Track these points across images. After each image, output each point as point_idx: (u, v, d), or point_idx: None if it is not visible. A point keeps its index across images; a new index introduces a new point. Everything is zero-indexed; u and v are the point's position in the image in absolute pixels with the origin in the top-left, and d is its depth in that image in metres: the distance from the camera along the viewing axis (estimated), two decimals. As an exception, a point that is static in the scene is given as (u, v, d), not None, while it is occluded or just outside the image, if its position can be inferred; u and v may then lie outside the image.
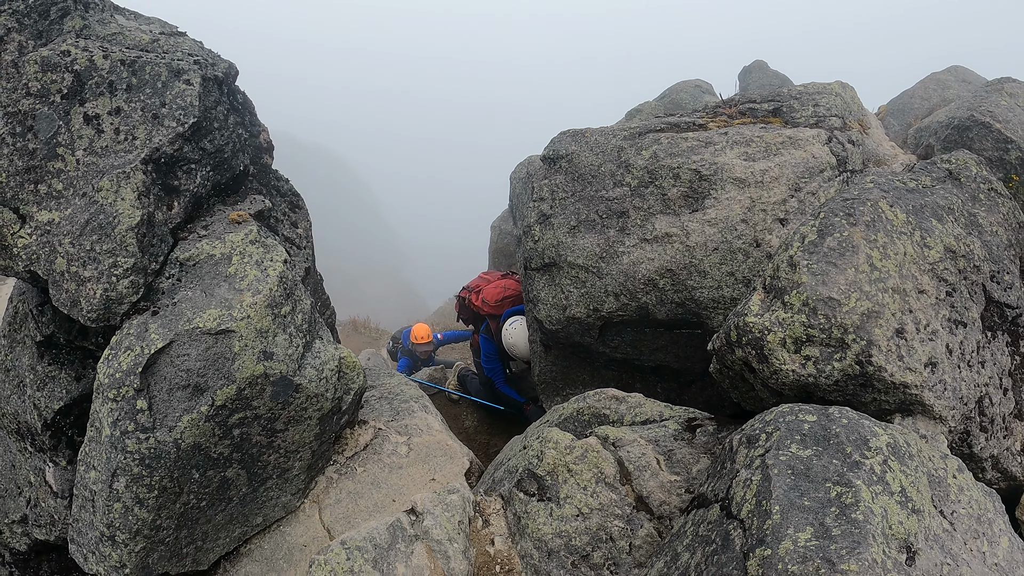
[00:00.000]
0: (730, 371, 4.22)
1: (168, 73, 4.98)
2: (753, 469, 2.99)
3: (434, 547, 4.09)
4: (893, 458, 2.92)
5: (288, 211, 6.33)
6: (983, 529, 3.24)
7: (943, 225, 4.22)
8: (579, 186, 6.34)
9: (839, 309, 3.71)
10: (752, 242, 5.48)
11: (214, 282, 4.78)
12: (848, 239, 3.87)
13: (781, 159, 5.68)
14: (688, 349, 6.03)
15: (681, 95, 12.50)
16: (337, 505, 5.23)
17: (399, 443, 5.69)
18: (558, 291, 6.26)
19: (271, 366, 4.63)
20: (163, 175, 4.91)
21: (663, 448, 4.30)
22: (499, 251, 13.38)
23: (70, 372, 5.28)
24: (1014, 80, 8.04)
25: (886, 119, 10.20)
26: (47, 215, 4.68)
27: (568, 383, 6.94)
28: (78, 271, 4.60)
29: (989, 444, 4.18)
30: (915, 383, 3.71)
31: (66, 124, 4.77)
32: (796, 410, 3.19)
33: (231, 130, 5.35)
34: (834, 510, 2.66)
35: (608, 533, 4.02)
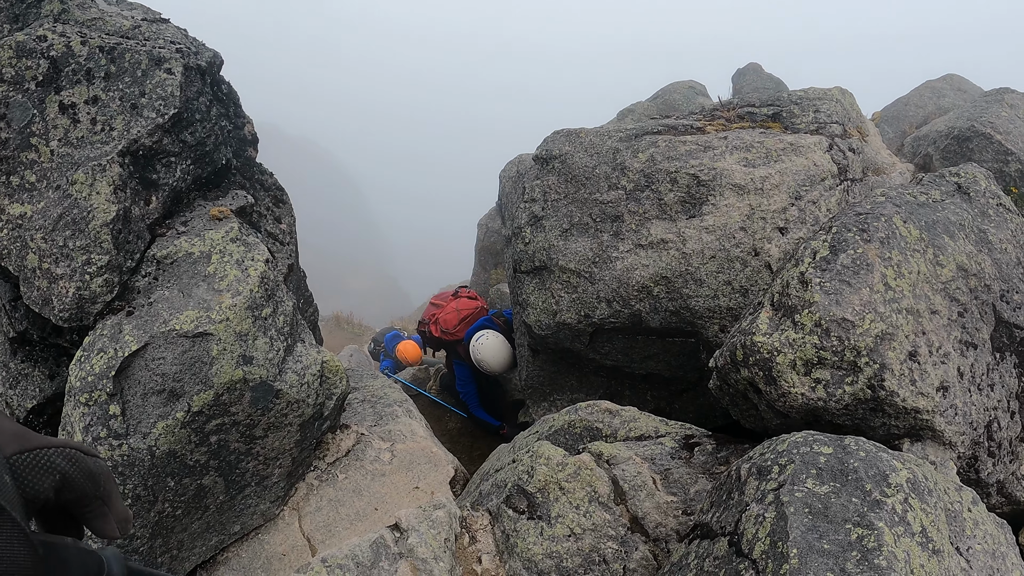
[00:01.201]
0: (732, 389, 4.06)
1: (149, 61, 4.76)
2: (766, 504, 2.83)
3: (419, 566, 3.91)
4: (914, 495, 2.77)
5: (272, 206, 6.11)
6: (997, 565, 3.10)
7: (955, 242, 4.07)
8: (572, 188, 6.17)
9: (853, 331, 3.55)
10: (751, 251, 5.33)
11: (192, 282, 4.58)
12: (862, 257, 3.71)
13: (782, 166, 5.53)
14: (680, 358, 5.88)
15: (674, 96, 12.35)
16: (317, 513, 5.05)
17: (382, 449, 5.52)
18: (548, 296, 6.09)
19: (250, 371, 4.44)
20: (141, 168, 4.70)
21: (659, 467, 4.14)
22: (485, 249, 13.20)
23: (43, 370, 5.06)
24: (1013, 91, 7.95)
25: (880, 125, 10.10)
26: (19, 208, 4.46)
27: (555, 389, 6.78)
28: (50, 268, 4.39)
29: (996, 469, 4.05)
30: (927, 408, 3.56)
31: (41, 113, 4.55)
32: (810, 440, 3.03)
33: (214, 122, 5.13)
34: (855, 554, 2.50)
35: (601, 555, 3.86)
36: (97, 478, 1.01)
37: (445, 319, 8.48)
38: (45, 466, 0.94)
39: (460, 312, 8.48)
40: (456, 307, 8.56)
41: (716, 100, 7.98)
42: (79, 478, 0.98)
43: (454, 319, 8.44)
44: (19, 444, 0.93)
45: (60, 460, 0.96)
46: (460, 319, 8.44)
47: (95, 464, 1.02)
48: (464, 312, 8.47)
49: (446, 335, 8.48)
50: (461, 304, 8.59)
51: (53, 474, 0.95)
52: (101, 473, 1.02)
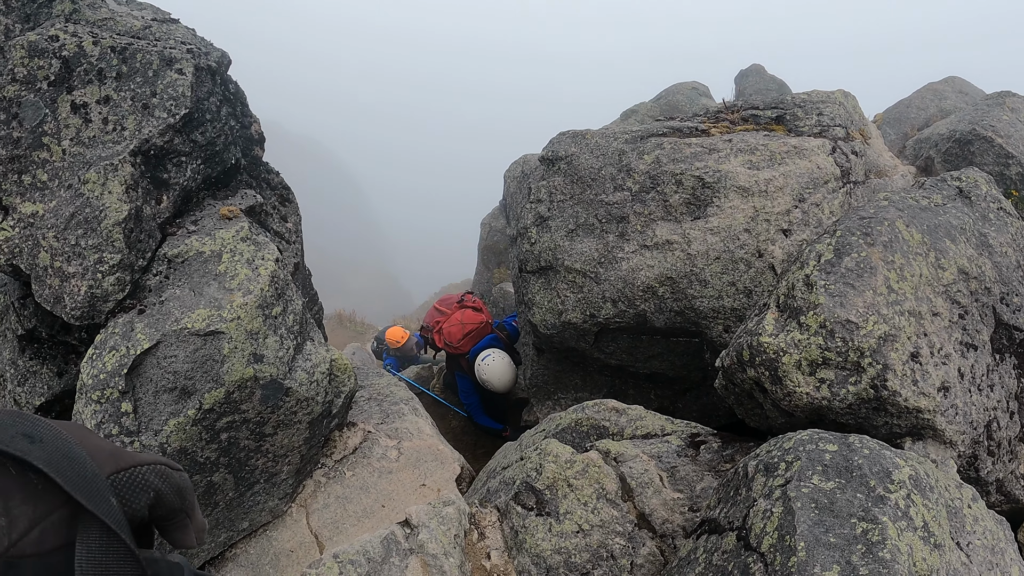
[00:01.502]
0: (737, 388, 4.11)
1: (160, 61, 4.81)
2: (773, 500, 2.89)
3: (429, 561, 3.97)
4: (916, 491, 2.83)
5: (278, 204, 6.16)
6: (996, 560, 3.16)
7: (956, 246, 4.13)
8: (578, 189, 6.22)
9: (857, 332, 3.61)
10: (755, 252, 5.38)
11: (203, 280, 4.63)
12: (866, 260, 3.77)
13: (786, 168, 5.59)
14: (685, 358, 5.93)
15: (678, 97, 12.40)
16: (325, 510, 5.10)
17: (389, 447, 5.57)
18: (554, 295, 6.14)
19: (261, 369, 4.49)
20: (152, 168, 4.75)
21: (666, 464, 4.19)
22: (489, 248, 13.25)
23: (52, 368, 5.11)
24: (1015, 94, 8.00)
25: (882, 128, 10.15)
26: (31, 207, 4.51)
27: (560, 388, 6.83)
28: (62, 266, 4.43)
29: (995, 468, 4.10)
30: (928, 408, 3.62)
31: (53, 112, 4.59)
32: (816, 438, 3.09)
33: (223, 122, 5.18)
34: (860, 548, 2.56)
35: (609, 551, 3.91)
36: (184, 492, 1.03)
37: (449, 332, 8.42)
38: (141, 485, 0.96)
39: (465, 326, 8.40)
40: (461, 319, 8.47)
41: (719, 101, 8.03)
42: (170, 494, 1.00)
43: (458, 333, 8.38)
44: (115, 463, 0.94)
45: (153, 478, 0.98)
46: (464, 333, 8.36)
47: (181, 478, 1.04)
48: (469, 327, 8.39)
49: (449, 348, 8.44)
50: (466, 317, 8.49)
51: (148, 492, 0.96)
52: (186, 487, 1.04)
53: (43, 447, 0.86)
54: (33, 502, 0.83)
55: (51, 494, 0.84)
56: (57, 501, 0.85)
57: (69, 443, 0.89)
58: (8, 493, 0.82)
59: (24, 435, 0.86)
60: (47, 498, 0.84)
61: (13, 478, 0.83)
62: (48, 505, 0.84)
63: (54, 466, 0.85)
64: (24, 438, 0.86)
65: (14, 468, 0.84)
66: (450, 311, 8.71)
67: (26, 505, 0.83)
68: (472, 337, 8.33)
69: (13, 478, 0.83)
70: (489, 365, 7.88)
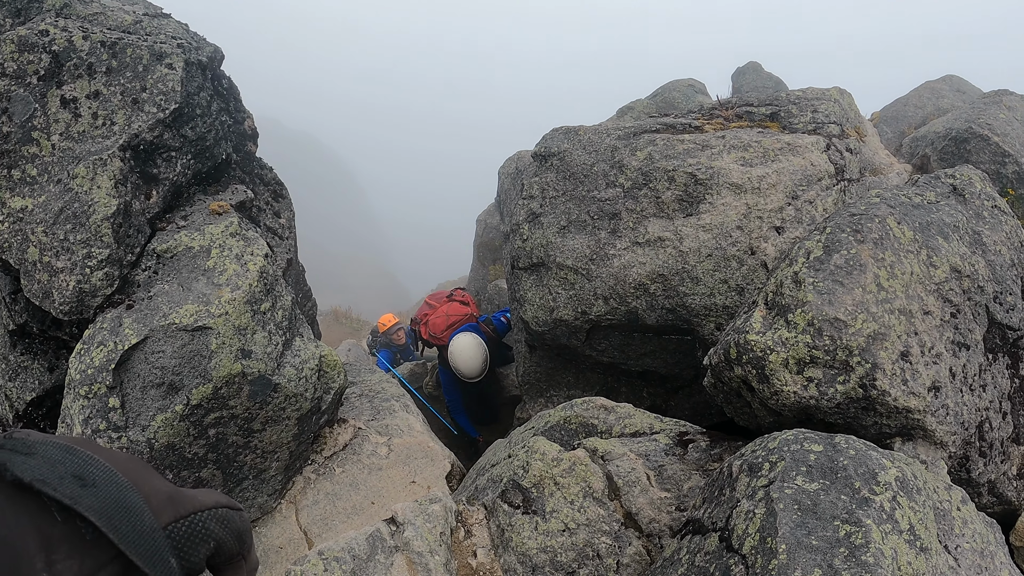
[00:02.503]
0: (726, 387, 4.09)
1: (150, 56, 4.79)
2: (756, 501, 2.86)
3: (414, 559, 3.94)
4: (902, 493, 2.80)
5: (271, 200, 6.14)
6: (985, 563, 3.14)
7: (949, 244, 4.10)
8: (570, 185, 6.19)
9: (845, 331, 3.58)
10: (747, 250, 5.35)
11: (192, 276, 4.61)
12: (856, 257, 3.74)
13: (779, 165, 5.56)
14: (676, 355, 5.91)
15: (674, 94, 12.36)
16: (315, 507, 5.09)
17: (379, 444, 5.55)
18: (546, 292, 6.12)
19: (249, 365, 4.47)
20: (142, 163, 4.72)
21: (653, 463, 4.17)
22: (484, 245, 13.23)
23: (43, 363, 5.10)
24: (1012, 93, 7.97)
25: (879, 126, 10.11)
26: (20, 202, 4.49)
27: (552, 385, 6.81)
28: (51, 261, 4.42)
29: (987, 469, 4.08)
30: (918, 408, 3.59)
31: (42, 107, 4.57)
32: (801, 438, 3.06)
33: (214, 117, 5.16)
34: (843, 551, 2.54)
35: (595, 550, 3.89)
36: (243, 536, 0.98)
37: (434, 322, 8.39)
38: (201, 535, 0.89)
39: (449, 317, 8.38)
40: (446, 311, 8.45)
41: (715, 99, 8.00)
42: (230, 541, 0.95)
43: (442, 323, 8.35)
44: (174, 511, 0.87)
45: (214, 525, 0.92)
46: (447, 324, 8.34)
47: (241, 521, 0.98)
48: (453, 318, 8.37)
49: (433, 339, 8.40)
50: (452, 309, 8.47)
51: (208, 543, 0.90)
52: (245, 530, 0.99)
53: (95, 493, 0.78)
54: (80, 555, 0.76)
55: (101, 547, 0.77)
56: (107, 556, 0.77)
57: (124, 488, 0.81)
58: (52, 545, 0.74)
59: (75, 476, 0.78)
60: (95, 552, 0.76)
61: (59, 526, 0.75)
62: (96, 560, 0.76)
63: (107, 517, 0.77)
64: (75, 480, 0.78)
65: (60, 515, 0.76)
66: (438, 304, 8.66)
67: (72, 559, 0.75)
68: (454, 328, 8.30)
69: (59, 526, 0.75)
70: (457, 344, 7.88)
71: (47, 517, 0.75)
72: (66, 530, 0.75)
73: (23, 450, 0.78)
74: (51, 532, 0.74)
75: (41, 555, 0.73)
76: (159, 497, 0.86)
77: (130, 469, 0.86)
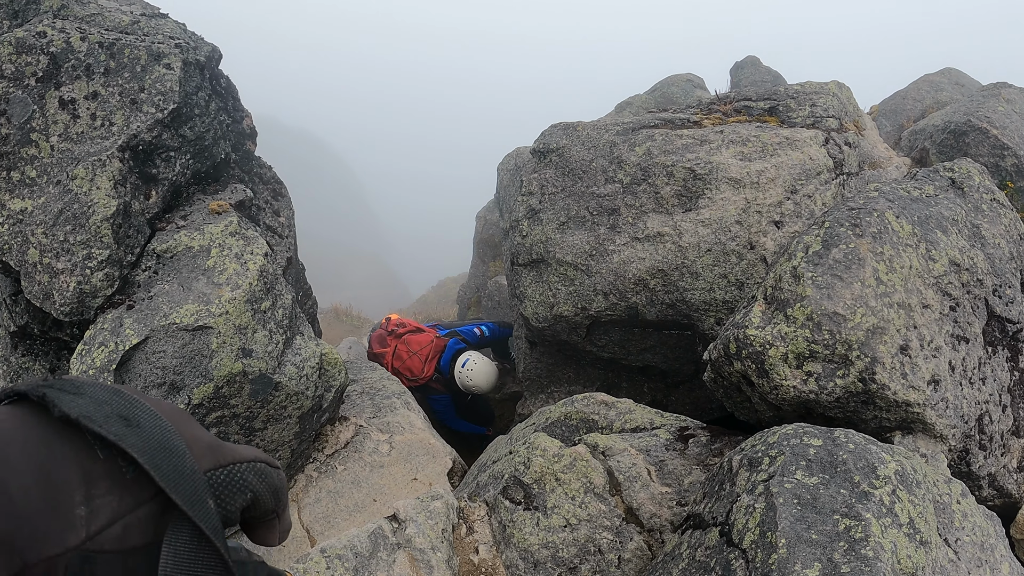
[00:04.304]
0: (726, 382, 4.10)
1: (148, 56, 4.79)
2: (756, 495, 2.87)
3: (417, 556, 3.96)
4: (902, 487, 2.81)
5: (270, 199, 6.15)
6: (986, 556, 3.14)
7: (948, 237, 4.11)
8: (569, 181, 6.20)
9: (844, 325, 3.59)
10: (746, 244, 5.36)
11: (192, 275, 4.62)
12: (854, 251, 3.74)
13: (778, 160, 5.56)
14: (677, 350, 5.91)
15: (672, 89, 12.35)
16: (317, 504, 5.10)
17: (381, 441, 5.57)
18: (546, 288, 6.12)
19: (250, 364, 4.48)
20: (141, 163, 4.73)
21: (654, 458, 4.18)
22: (484, 241, 13.23)
23: (44, 364, 5.11)
24: (1010, 85, 7.95)
25: (878, 119, 10.10)
26: (20, 203, 4.50)
27: (553, 381, 6.82)
28: (51, 262, 4.42)
29: (987, 462, 4.09)
30: (918, 401, 3.60)
31: (41, 109, 4.58)
32: (800, 432, 3.07)
33: (213, 116, 5.16)
34: (843, 545, 2.54)
35: (596, 545, 3.90)
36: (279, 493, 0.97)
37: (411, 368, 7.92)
38: (239, 485, 0.88)
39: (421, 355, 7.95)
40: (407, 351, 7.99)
41: (714, 93, 7.99)
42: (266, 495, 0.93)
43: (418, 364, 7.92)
44: (214, 458, 0.87)
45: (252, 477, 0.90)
46: (424, 360, 7.93)
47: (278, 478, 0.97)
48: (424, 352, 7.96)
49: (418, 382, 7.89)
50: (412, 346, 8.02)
51: (245, 493, 0.89)
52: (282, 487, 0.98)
53: (139, 433, 0.79)
54: (119, 492, 0.76)
55: (140, 486, 0.77)
56: (146, 495, 0.77)
57: (168, 431, 0.82)
58: (93, 480, 0.75)
59: (120, 416, 0.79)
60: (135, 490, 0.77)
61: (100, 463, 0.76)
62: (135, 498, 0.77)
63: (149, 456, 0.77)
64: (120, 420, 0.79)
65: (103, 453, 0.76)
66: (391, 348, 8.17)
67: (111, 495, 0.75)
68: (432, 358, 7.95)
69: (100, 463, 0.76)
70: (472, 370, 7.60)
71: (90, 453, 0.76)
72: (107, 467, 0.76)
73: (71, 389, 0.79)
74: (92, 468, 0.75)
75: (81, 489, 0.74)
76: (200, 445, 0.86)
77: (174, 416, 0.87)
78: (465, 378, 7.66)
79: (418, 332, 8.23)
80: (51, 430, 0.76)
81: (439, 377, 7.95)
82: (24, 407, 0.78)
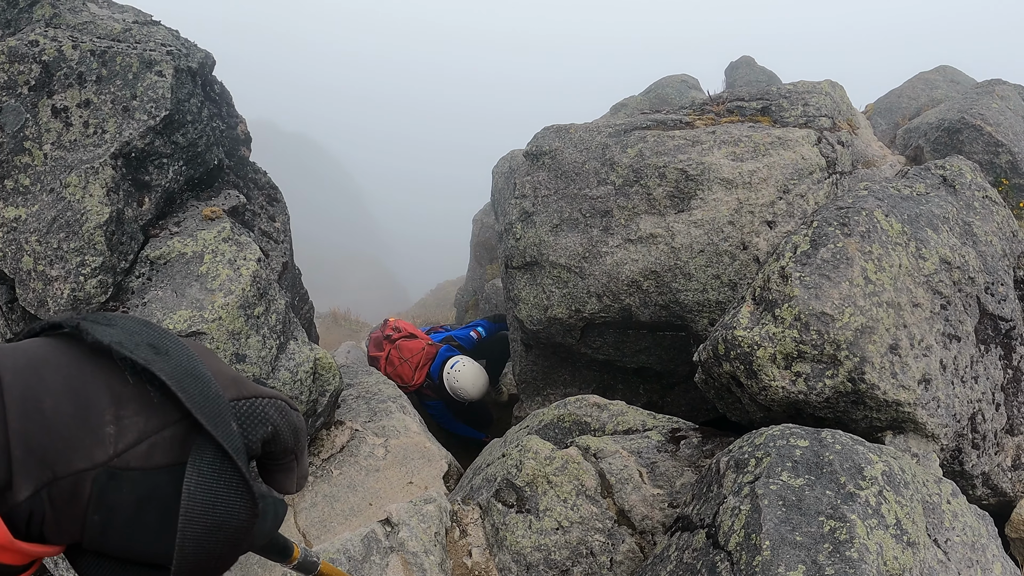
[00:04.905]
0: (716, 383, 4.10)
1: (140, 64, 4.80)
2: (742, 497, 2.87)
3: (409, 559, 3.97)
4: (888, 488, 2.81)
5: (265, 204, 6.16)
6: (977, 557, 3.14)
7: (938, 235, 4.11)
8: (562, 183, 6.21)
9: (832, 325, 3.59)
10: (739, 244, 5.37)
11: (185, 282, 4.63)
12: (843, 251, 3.75)
13: (770, 160, 5.57)
14: (671, 351, 5.92)
15: (667, 90, 12.35)
16: (312, 509, 5.11)
17: (376, 445, 5.57)
18: (539, 291, 6.13)
19: (243, 369, 4.49)
20: (133, 170, 4.74)
21: (646, 460, 4.19)
22: (481, 244, 13.24)
23: (38, 370, 5.11)
24: (1005, 82, 7.97)
25: (873, 118, 10.11)
26: (13, 211, 4.51)
27: (548, 383, 6.83)
28: (45, 270, 4.43)
29: (980, 461, 4.09)
30: (908, 401, 3.60)
31: (33, 117, 4.59)
32: (787, 433, 3.07)
33: (205, 123, 5.17)
34: (827, 547, 2.55)
35: (589, 548, 3.91)
36: (299, 433, 0.99)
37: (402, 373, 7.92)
38: (261, 417, 0.91)
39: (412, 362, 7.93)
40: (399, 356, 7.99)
41: (707, 94, 7.99)
42: (286, 432, 0.96)
43: (408, 372, 7.90)
44: (237, 390, 0.90)
45: (273, 412, 0.93)
46: (414, 368, 7.91)
47: (298, 418, 1.00)
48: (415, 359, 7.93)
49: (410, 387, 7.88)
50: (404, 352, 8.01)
51: (267, 426, 0.92)
52: (301, 428, 1.00)
53: (168, 360, 0.83)
54: (146, 414, 0.80)
55: (167, 409, 0.81)
56: (172, 417, 0.81)
57: (195, 360, 0.86)
58: (122, 402, 0.79)
59: (150, 345, 0.84)
60: (162, 413, 0.81)
61: (129, 387, 0.80)
62: (161, 420, 0.81)
63: (177, 380, 0.82)
64: (149, 348, 0.83)
65: (132, 378, 0.81)
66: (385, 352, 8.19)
67: (138, 417, 0.80)
68: (423, 366, 7.93)
69: (129, 387, 0.80)
70: (460, 371, 7.55)
71: (120, 377, 0.80)
72: (136, 391, 0.80)
73: (104, 321, 0.84)
74: (121, 391, 0.80)
75: (111, 409, 0.78)
76: (224, 377, 0.90)
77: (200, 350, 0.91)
78: (452, 381, 7.61)
79: (411, 338, 8.21)
80: (84, 356, 0.81)
81: (430, 384, 7.92)
82: (59, 338, 0.83)
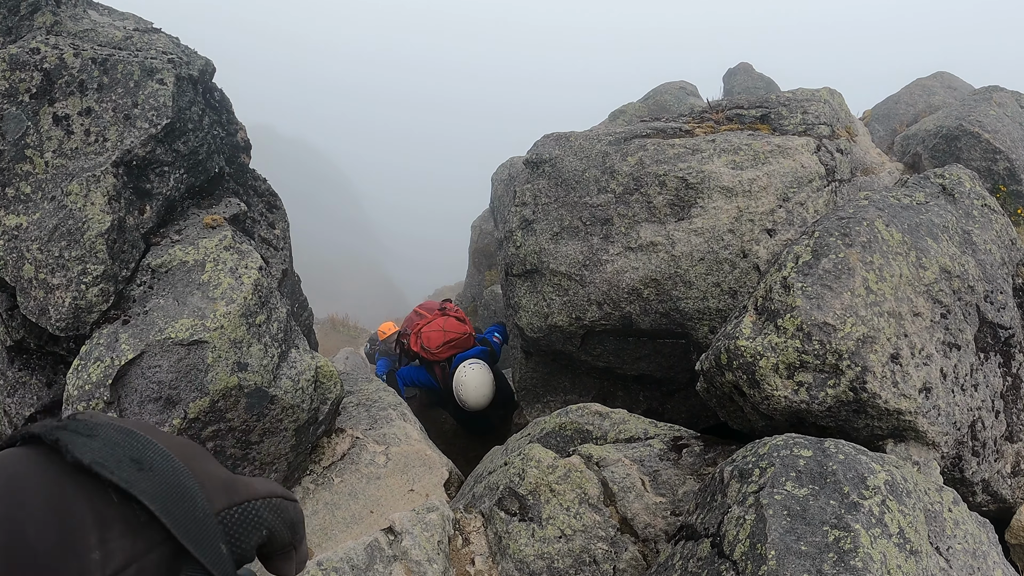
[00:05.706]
0: (718, 392, 4.12)
1: (141, 72, 4.81)
2: (746, 507, 2.89)
3: (413, 568, 3.97)
4: (891, 497, 2.82)
5: (265, 211, 6.17)
6: (978, 564, 3.16)
7: (938, 244, 4.13)
8: (562, 191, 6.22)
9: (834, 335, 3.61)
10: (739, 252, 5.38)
11: (187, 290, 4.63)
12: (844, 261, 3.77)
13: (769, 168, 5.59)
14: (672, 359, 5.93)
15: (665, 97, 12.38)
16: (314, 517, 5.11)
17: (377, 452, 5.57)
18: (540, 298, 6.14)
19: (245, 377, 4.49)
20: (135, 178, 4.75)
21: (648, 468, 4.20)
22: (479, 251, 13.24)
23: (41, 378, 5.11)
24: (1002, 89, 7.99)
25: (871, 124, 10.14)
26: (15, 219, 4.51)
27: (549, 390, 6.83)
28: (46, 278, 4.44)
29: (981, 468, 4.10)
30: (909, 409, 3.62)
31: (35, 125, 4.60)
32: (791, 443, 3.08)
33: (206, 131, 5.18)
34: (832, 556, 2.56)
35: (592, 556, 3.91)
36: (296, 527, 0.98)
37: (428, 336, 7.83)
38: (254, 523, 0.89)
39: (446, 333, 7.84)
40: (442, 326, 7.89)
41: (706, 101, 8.01)
42: (282, 530, 0.94)
43: (438, 338, 7.79)
44: (228, 497, 0.88)
45: (267, 514, 0.91)
46: (444, 341, 7.79)
47: (295, 511, 0.98)
48: (450, 335, 7.83)
49: (426, 353, 7.84)
50: (448, 324, 7.92)
51: (260, 531, 0.90)
52: (298, 521, 0.99)
53: (151, 477, 0.80)
54: (133, 536, 0.77)
55: (153, 529, 0.79)
56: (159, 537, 0.79)
57: (180, 473, 0.84)
58: (107, 524, 0.76)
59: (133, 460, 0.81)
60: (148, 534, 0.78)
61: (114, 507, 0.77)
62: (148, 542, 0.78)
63: (160, 502, 0.79)
64: (132, 463, 0.80)
65: (117, 496, 0.78)
66: (431, 316, 8.13)
67: (125, 539, 0.77)
68: (453, 347, 7.81)
69: (114, 507, 0.77)
70: (468, 374, 7.41)
71: (104, 497, 0.77)
72: (121, 511, 0.77)
73: (85, 432, 0.81)
74: (106, 512, 0.77)
75: (95, 532, 0.75)
76: (214, 483, 0.87)
77: (187, 454, 0.88)
78: (458, 378, 7.49)
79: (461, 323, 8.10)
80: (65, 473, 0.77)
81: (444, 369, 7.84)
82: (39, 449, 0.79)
